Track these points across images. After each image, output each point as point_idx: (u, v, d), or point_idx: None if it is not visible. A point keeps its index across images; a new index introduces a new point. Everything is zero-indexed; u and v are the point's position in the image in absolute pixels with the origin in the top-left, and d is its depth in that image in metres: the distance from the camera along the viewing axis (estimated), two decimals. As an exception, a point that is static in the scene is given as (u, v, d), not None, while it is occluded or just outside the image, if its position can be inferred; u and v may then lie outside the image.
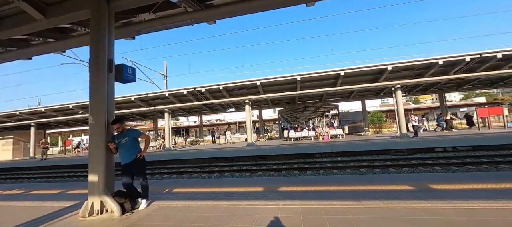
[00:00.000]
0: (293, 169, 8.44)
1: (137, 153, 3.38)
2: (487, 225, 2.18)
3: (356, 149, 10.57)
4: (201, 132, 23.07)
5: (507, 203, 2.67)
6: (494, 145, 9.52)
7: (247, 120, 14.43)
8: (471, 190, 3.26)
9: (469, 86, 16.23)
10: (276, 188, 4.08)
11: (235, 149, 12.08)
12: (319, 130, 16.46)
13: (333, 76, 12.66)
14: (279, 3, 4.03)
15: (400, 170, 7.34)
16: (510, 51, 10.47)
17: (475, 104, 28.75)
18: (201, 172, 9.16)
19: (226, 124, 45.41)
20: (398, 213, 2.60)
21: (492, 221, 2.24)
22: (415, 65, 11.71)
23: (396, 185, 3.74)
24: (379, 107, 34.39)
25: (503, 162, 7.06)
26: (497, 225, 2.16)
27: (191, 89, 13.94)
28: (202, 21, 4.59)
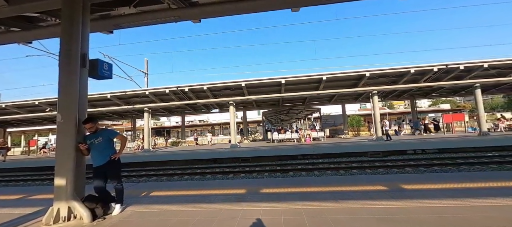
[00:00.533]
0: (276, 171, 8.52)
1: (112, 154, 3.17)
2: (452, 222, 2.38)
3: (336, 151, 10.98)
4: (183, 133, 22.40)
5: (467, 201, 2.93)
6: (456, 148, 10.48)
7: (231, 121, 14.31)
8: (438, 189, 3.54)
9: (436, 93, 17.75)
10: (258, 190, 4.08)
11: (218, 151, 11.90)
12: (301, 132, 16.84)
13: (316, 80, 13.07)
14: (265, 6, 4.06)
15: (376, 171, 7.76)
16: (470, 64, 11.64)
17: (441, 111, 31.48)
18: (182, 174, 8.88)
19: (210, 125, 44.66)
20: (373, 212, 2.73)
21: (456, 219, 2.45)
22: (390, 73, 12.53)
23: (371, 185, 3.93)
24: (357, 111, 36.18)
25: (463, 163, 7.79)
26: (461, 222, 2.37)
27: (173, 88, 13.49)
28: (186, 19, 4.47)
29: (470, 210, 2.64)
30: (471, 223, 2.33)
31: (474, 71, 12.31)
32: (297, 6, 4.16)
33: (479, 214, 2.53)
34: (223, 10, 4.10)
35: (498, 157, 8.53)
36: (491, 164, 7.59)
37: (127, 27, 4.98)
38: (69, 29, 3.37)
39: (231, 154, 11.44)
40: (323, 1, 3.75)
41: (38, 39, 5.63)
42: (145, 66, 18.44)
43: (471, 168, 7.23)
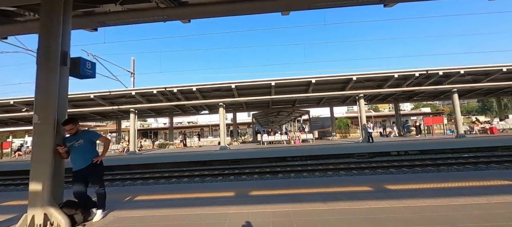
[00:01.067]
0: (265, 173, 8.53)
1: (94, 157, 3.02)
2: (432, 220, 2.49)
3: (324, 153, 11.19)
4: (171, 135, 21.87)
5: (446, 200, 3.09)
6: (436, 149, 11.04)
7: (220, 123, 14.18)
8: (420, 189, 3.70)
9: (418, 97, 18.65)
10: (247, 192, 4.05)
11: (207, 153, 11.73)
12: (291, 134, 17.01)
13: (305, 83, 13.28)
14: (255, 9, 4.07)
15: (362, 172, 7.99)
16: (448, 70, 12.36)
17: (422, 114, 33.10)
18: (169, 177, 8.65)
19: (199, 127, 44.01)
20: (359, 213, 2.80)
21: (436, 217, 2.57)
22: (375, 77, 13.02)
23: (358, 186, 4.04)
24: (345, 113, 37.16)
25: (442, 164, 8.22)
26: (440, 221, 2.48)
27: (161, 89, 13.17)
28: (176, 19, 4.39)
29: (448, 209, 2.78)
30: (449, 221, 2.45)
31: (452, 77, 13.08)
32: (287, 10, 4.22)
33: (457, 212, 2.67)
34: (213, 11, 4.08)
35: (473, 158, 9.08)
36: (467, 164, 8.07)
37: (113, 25, 4.80)
38: (48, 25, 3.20)
39: (221, 156, 11.32)
40: (312, 6, 3.83)
41: (14, 35, 5.29)
42: (132, 65, 17.87)
43: (449, 169, 7.64)
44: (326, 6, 3.85)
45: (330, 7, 3.87)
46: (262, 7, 4.04)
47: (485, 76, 13.36)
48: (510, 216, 2.49)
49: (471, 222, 2.39)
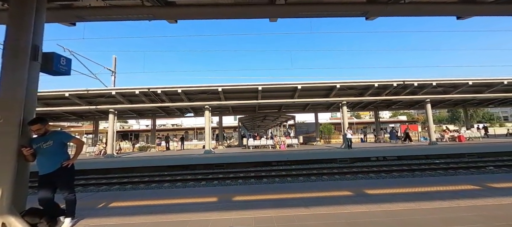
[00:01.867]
0: (250, 177, 8.47)
1: (64, 160, 2.79)
2: (407, 224, 2.61)
3: (308, 157, 11.40)
4: (153, 137, 21.02)
5: (420, 204, 3.26)
6: (411, 155, 11.72)
7: (206, 126, 13.93)
8: (396, 194, 3.88)
9: (396, 106, 19.78)
10: (231, 198, 3.98)
11: (191, 157, 11.42)
12: (276, 139, 17.14)
13: (291, 89, 13.53)
14: (243, 14, 4.10)
15: (344, 177, 8.23)
16: (422, 81, 13.28)
17: (400, 122, 35.09)
18: (149, 181, 8.27)
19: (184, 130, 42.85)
20: (340, 217, 2.86)
21: (410, 221, 2.70)
22: (357, 86, 13.62)
23: (339, 191, 4.14)
24: (329, 120, 38.34)
25: (417, 169, 8.72)
26: (414, 224, 2.61)
27: (144, 90, 12.68)
28: (162, 19, 4.28)
29: (421, 212, 2.94)
30: (421, 224, 2.58)
31: (426, 88, 14.07)
32: (274, 17, 4.30)
33: (428, 215, 2.82)
34: (201, 13, 4.03)
35: (444, 164, 9.75)
36: (439, 170, 8.65)
37: (93, 20, 4.57)
38: (19, 16, 2.96)
39: (205, 160, 11.08)
40: (298, 15, 3.94)
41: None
42: (113, 64, 17.05)
43: (423, 174, 8.13)
44: (311, 15, 3.97)
45: (315, 17, 4.00)
46: (250, 12, 4.08)
47: (454, 88, 14.54)
48: (475, 219, 2.69)
49: (440, 225, 2.54)
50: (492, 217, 2.73)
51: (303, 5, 3.85)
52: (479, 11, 4.20)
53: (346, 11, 4.00)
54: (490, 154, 11.65)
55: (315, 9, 3.87)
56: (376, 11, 4.05)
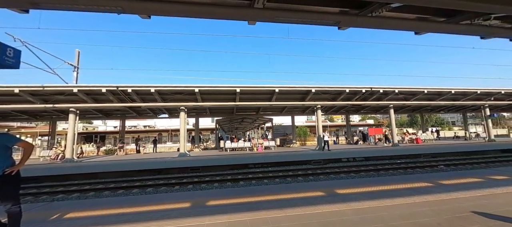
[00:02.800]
0: (226, 181, 8.34)
1: (7, 167, 2.41)
2: (371, 221, 2.80)
3: (284, 159, 11.64)
4: (122, 140, 19.45)
5: (383, 201, 3.54)
6: (377, 156, 12.72)
7: (181, 128, 13.35)
8: (363, 192, 4.16)
9: (364, 111, 21.38)
10: (205, 203, 3.86)
11: (164, 160, 10.83)
12: (254, 141, 17.20)
13: (269, 91, 13.73)
14: (220, 15, 4.03)
15: (317, 177, 8.58)
16: (387, 88, 14.55)
17: (367, 125, 37.98)
18: (115, 188, 7.61)
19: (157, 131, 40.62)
20: (312, 217, 2.96)
21: (375, 218, 2.91)
22: (331, 91, 14.39)
23: (313, 192, 4.29)
24: (305, 122, 39.80)
25: (382, 169, 9.49)
26: (377, 220, 2.81)
27: (112, 88, 11.70)
28: (132, 13, 3.99)
29: (384, 209, 3.19)
30: (384, 220, 2.80)
31: (389, 95, 15.47)
32: (252, 20, 4.32)
33: (389, 212, 3.08)
34: (177, 10, 3.86)
35: (404, 164, 10.78)
36: (399, 169, 9.53)
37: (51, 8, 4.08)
38: (-50, -4, 2.50)
39: (179, 164, 10.60)
40: (275, 19, 4.01)
41: None
42: (76, 58, 15.45)
43: (386, 173, 8.87)
44: (288, 21, 4.08)
45: (291, 23, 4.12)
46: (229, 13, 4.04)
47: (412, 96, 16.24)
48: (429, 213, 3.00)
49: (400, 220, 2.79)
50: (441, 210, 3.07)
51: (280, 10, 3.94)
52: (432, 28, 4.76)
53: (320, 20, 4.20)
54: (441, 154, 13.23)
55: (291, 16, 3.98)
56: (348, 21, 4.32)
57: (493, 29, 4.91)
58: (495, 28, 4.92)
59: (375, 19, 4.22)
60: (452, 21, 4.65)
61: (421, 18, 4.63)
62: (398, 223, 2.72)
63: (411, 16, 4.54)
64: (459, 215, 2.89)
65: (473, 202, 3.38)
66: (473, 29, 4.81)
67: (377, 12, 4.02)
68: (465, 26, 4.67)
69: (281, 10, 4.01)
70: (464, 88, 15.67)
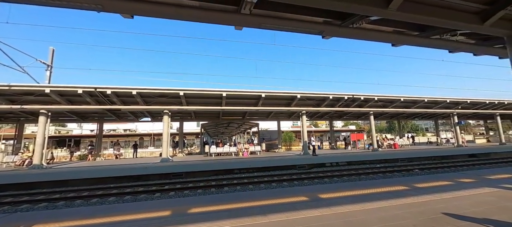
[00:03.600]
0: (210, 187, 8.15)
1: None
2: (352, 224, 2.87)
3: (270, 164, 11.65)
4: (99, 144, 18.31)
5: (364, 205, 3.65)
6: (358, 161, 13.19)
7: (164, 132, 12.88)
8: (345, 196, 4.26)
9: (347, 117, 22.19)
10: (186, 210, 3.72)
11: (144, 166, 10.33)
12: (239, 146, 17.07)
13: (255, 96, 13.78)
14: (206, 19, 4.01)
15: (302, 182, 8.67)
16: (367, 96, 15.27)
17: (350, 130, 39.47)
18: (89, 196, 7.09)
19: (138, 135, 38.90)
20: (295, 223, 2.96)
21: (356, 221, 2.98)
22: (315, 97, 14.79)
23: (297, 197, 4.32)
24: (291, 128, 40.39)
25: (363, 173, 9.84)
26: (358, 224, 2.88)
27: (90, 89, 11.04)
28: (114, 11, 3.84)
29: (363, 213, 3.28)
30: (364, 223, 2.88)
31: (370, 102, 16.25)
32: (239, 25, 4.34)
33: (369, 215, 3.18)
34: (161, 11, 3.77)
35: (383, 168, 11.28)
36: (379, 173, 9.95)
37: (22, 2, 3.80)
38: None
39: (161, 169, 10.18)
40: (261, 26, 4.07)
41: None
42: (50, 56, 14.41)
43: (367, 177, 9.22)
44: (274, 28, 4.16)
45: (277, 30, 4.21)
46: (215, 18, 4.03)
47: (390, 103, 17.20)
48: (406, 215, 3.14)
49: (380, 223, 2.88)
50: (417, 212, 3.24)
51: (266, 17, 4.01)
52: (407, 41, 5.12)
53: (305, 28, 4.33)
54: (416, 158, 14.06)
55: (277, 23, 4.07)
56: (331, 31, 4.51)
57: (459, 44, 5.39)
58: (460, 43, 5.40)
59: (356, 30, 4.44)
60: (424, 35, 5.03)
61: (397, 31, 4.95)
62: (379, 225, 2.81)
63: (388, 29, 4.84)
64: (433, 216, 3.06)
65: (445, 204, 3.61)
66: (442, 43, 5.24)
67: (358, 23, 4.24)
68: (436, 40, 5.08)
69: (268, 17, 4.09)
70: (435, 97, 16.95)
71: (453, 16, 4.23)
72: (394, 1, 3.58)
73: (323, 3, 3.52)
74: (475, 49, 5.66)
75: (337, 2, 3.51)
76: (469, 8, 4.27)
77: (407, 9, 3.85)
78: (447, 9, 4.18)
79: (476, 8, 4.28)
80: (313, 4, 3.59)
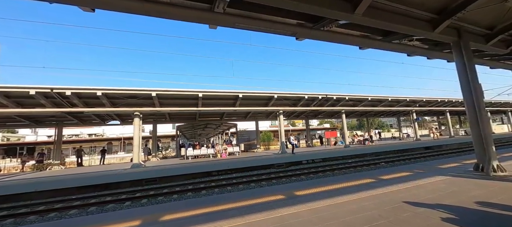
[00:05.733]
0: (187, 191, 7.85)
1: None
2: (326, 218, 2.99)
3: (248, 165, 11.65)
4: (58, 151, 16.39)
5: (336, 199, 3.84)
6: (332, 157, 13.92)
7: (134, 135, 12.04)
8: (320, 192, 4.44)
9: (321, 116, 23.26)
10: (159, 218, 3.51)
11: (113, 173, 9.54)
12: (217, 147, 16.77)
13: (233, 96, 13.68)
14: (180, 16, 3.83)
15: (280, 181, 8.83)
16: (339, 95, 16.20)
17: (324, 128, 41.46)
18: (46, 211, 6.30)
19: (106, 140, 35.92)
20: (272, 221, 2.99)
21: (329, 215, 3.11)
22: (292, 97, 15.23)
23: (274, 195, 4.37)
24: (269, 127, 40.93)
25: (336, 169, 10.38)
26: (331, 218, 3.02)
27: (44, 90, 9.84)
28: (70, 3, 3.45)
29: (336, 207, 3.46)
30: (336, 216, 3.03)
31: (341, 101, 17.27)
32: (214, 24, 4.24)
33: (341, 209, 3.35)
34: (128, 6, 3.50)
35: (354, 163, 12.07)
36: (350, 168, 10.60)
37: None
38: None
39: (132, 176, 9.49)
40: (236, 26, 4.04)
41: None
42: (-7, 53, 12.47)
43: (340, 172, 9.75)
44: (248, 28, 4.16)
45: (252, 30, 4.21)
46: (188, 15, 3.87)
47: (360, 102, 18.51)
48: (372, 206, 3.38)
49: (350, 215, 3.06)
50: (382, 203, 3.51)
51: (240, 17, 3.99)
52: (372, 45, 5.54)
53: (279, 30, 4.41)
54: (382, 153, 15.33)
55: (252, 23, 4.07)
56: (303, 33, 4.67)
57: (415, 48, 5.99)
58: (416, 48, 6.01)
59: (326, 33, 4.65)
60: (387, 40, 5.49)
61: (364, 35, 5.32)
62: (349, 218, 2.98)
63: (356, 33, 5.17)
64: (395, 205, 3.34)
65: (405, 193, 3.98)
66: (402, 47, 5.77)
67: (328, 26, 4.45)
68: (396, 44, 5.57)
69: (242, 17, 4.07)
70: (397, 96, 18.69)
71: (410, 23, 4.70)
72: (360, 7, 3.84)
73: (295, 5, 3.62)
74: (428, 53, 6.37)
75: (308, 5, 3.64)
76: (422, 16, 4.79)
77: (371, 15, 4.16)
78: (404, 17, 4.63)
79: (428, 16, 4.81)
80: (286, 6, 3.67)
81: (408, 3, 4.36)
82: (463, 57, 5.21)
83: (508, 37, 5.98)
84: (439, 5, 4.61)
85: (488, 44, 5.70)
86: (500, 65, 7.73)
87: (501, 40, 5.92)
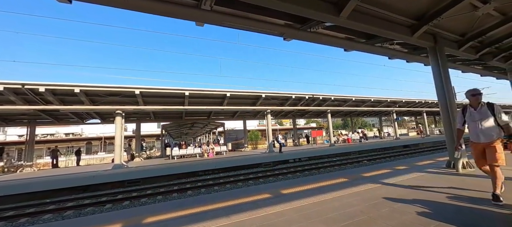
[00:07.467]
0: (172, 192, 7.66)
1: None
2: (310, 216, 3.06)
3: (236, 164, 11.61)
4: (31, 152, 15.26)
5: (319, 197, 3.93)
6: (318, 155, 14.26)
7: (116, 135, 11.51)
8: (304, 191, 4.52)
9: (308, 115, 23.73)
10: (142, 220, 3.39)
11: (92, 174, 9.06)
12: (204, 147, 16.54)
13: (220, 95, 13.53)
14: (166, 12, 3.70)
15: (267, 179, 8.90)
16: (325, 96, 16.62)
17: (311, 128, 42.35)
18: (16, 216, 5.85)
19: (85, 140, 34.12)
20: (257, 221, 3.00)
21: (312, 213, 3.18)
22: (279, 96, 15.37)
23: (260, 194, 4.39)
24: (257, 127, 41.03)
25: (322, 167, 10.67)
26: (314, 215, 3.09)
27: (15, 86, 9.11)
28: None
29: (320, 204, 3.54)
30: (320, 214, 3.11)
31: (327, 101, 17.73)
32: (201, 21, 4.15)
33: (324, 206, 3.44)
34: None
35: (339, 161, 12.46)
36: (335, 166, 10.93)
37: None
38: None
39: (113, 177, 9.08)
40: (223, 24, 3.99)
41: None
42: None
43: (325, 170, 10.02)
44: (236, 27, 4.13)
45: (239, 29, 4.19)
46: (174, 12, 3.76)
47: (344, 102, 19.11)
48: (354, 203, 3.51)
49: (333, 212, 3.15)
50: (363, 199, 3.65)
51: (228, 15, 3.95)
52: (356, 47, 5.73)
53: (267, 30, 4.42)
54: (365, 151, 15.97)
55: (240, 22, 4.04)
56: (291, 34, 4.72)
57: (396, 52, 6.29)
58: (397, 51, 6.31)
59: (313, 34, 4.74)
60: (370, 43, 5.70)
61: (348, 38, 5.48)
62: (332, 215, 3.06)
63: (341, 35, 5.32)
64: (375, 201, 3.49)
65: (384, 189, 4.17)
66: (383, 51, 6.03)
67: (314, 28, 4.53)
68: (378, 47, 5.81)
69: (230, 15, 4.02)
70: (379, 97, 19.54)
71: (391, 28, 4.92)
72: (345, 10, 3.96)
73: (283, 6, 3.64)
74: (408, 57, 6.72)
75: (295, 6, 3.68)
76: (402, 21, 5.04)
77: (355, 19, 4.30)
78: (387, 21, 4.84)
79: (407, 22, 5.07)
80: (273, 6, 3.69)
81: (390, 8, 4.56)
82: (438, 61, 5.56)
83: (477, 44, 6.48)
84: (418, 12, 4.88)
85: (460, 50, 6.13)
86: (470, 69, 8.36)
87: (472, 46, 6.39)
